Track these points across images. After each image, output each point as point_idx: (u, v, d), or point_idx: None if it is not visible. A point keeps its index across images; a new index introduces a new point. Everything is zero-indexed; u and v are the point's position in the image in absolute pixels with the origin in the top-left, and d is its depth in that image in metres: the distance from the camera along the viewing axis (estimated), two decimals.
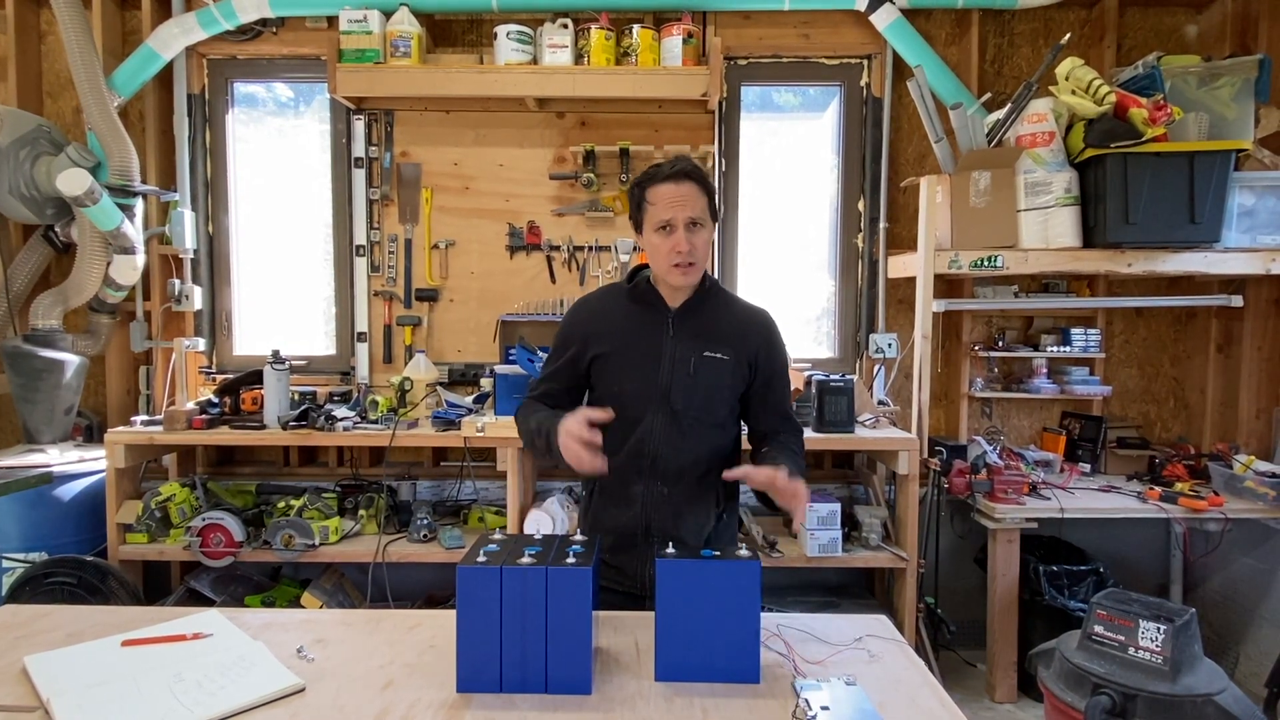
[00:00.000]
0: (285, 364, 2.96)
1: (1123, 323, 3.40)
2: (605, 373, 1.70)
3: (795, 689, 1.24)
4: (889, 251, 3.32)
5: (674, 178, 1.59)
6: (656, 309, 1.69)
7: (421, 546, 2.92)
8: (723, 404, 1.70)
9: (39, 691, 1.21)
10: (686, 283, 1.64)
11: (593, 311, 1.74)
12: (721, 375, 1.67)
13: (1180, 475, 3.04)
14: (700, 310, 1.70)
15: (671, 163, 1.62)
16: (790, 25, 3.28)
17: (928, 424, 3.04)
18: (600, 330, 1.70)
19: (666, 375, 1.65)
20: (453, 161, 3.37)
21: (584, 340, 1.70)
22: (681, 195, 1.58)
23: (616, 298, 1.74)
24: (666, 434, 1.66)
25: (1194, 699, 1.97)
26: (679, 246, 1.58)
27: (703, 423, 1.68)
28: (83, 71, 2.93)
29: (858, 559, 2.89)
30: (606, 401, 1.67)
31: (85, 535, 2.92)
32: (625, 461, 1.66)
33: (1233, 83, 2.87)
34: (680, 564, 1.29)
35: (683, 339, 1.67)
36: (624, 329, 1.69)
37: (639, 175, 1.66)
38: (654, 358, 1.66)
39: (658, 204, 1.60)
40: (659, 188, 1.60)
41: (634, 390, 1.66)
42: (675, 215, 1.58)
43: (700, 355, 1.66)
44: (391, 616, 1.55)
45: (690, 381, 1.65)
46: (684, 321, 1.68)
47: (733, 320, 1.72)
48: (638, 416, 1.66)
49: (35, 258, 3.20)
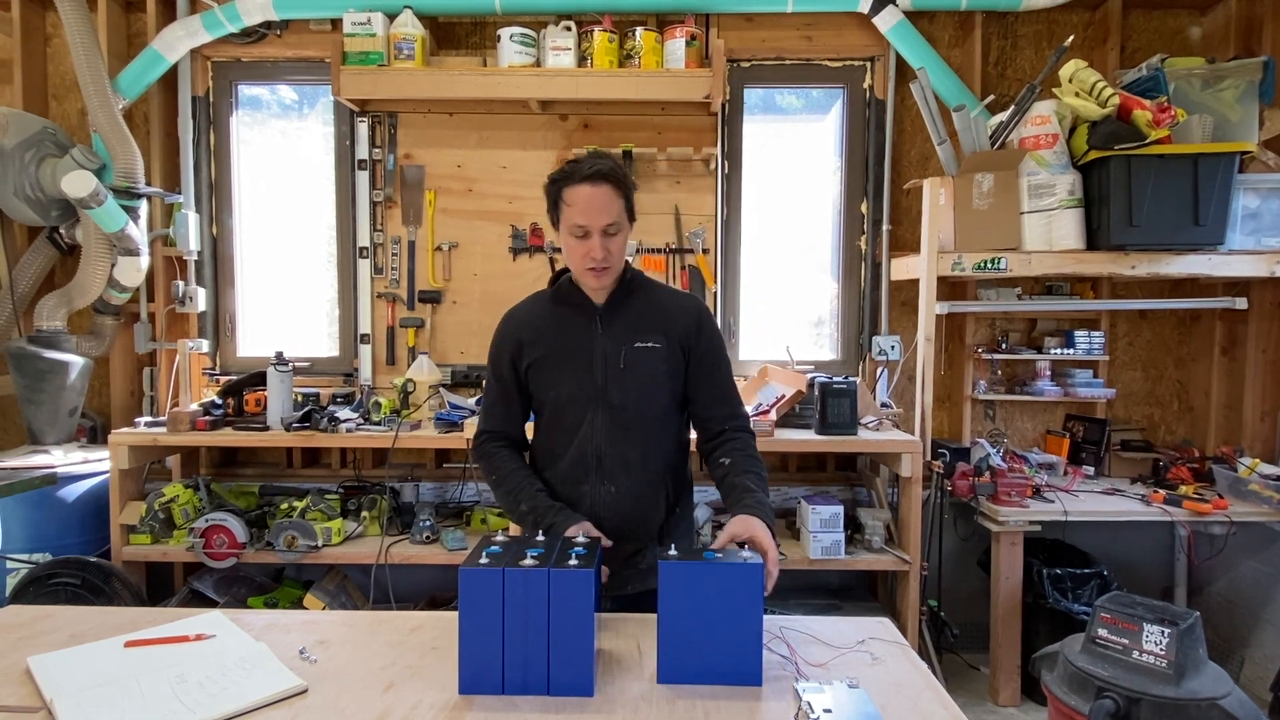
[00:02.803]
0: (288, 365, 2.97)
1: (1126, 325, 3.39)
2: (540, 378, 1.68)
3: (797, 691, 1.24)
4: (892, 254, 3.31)
5: (591, 179, 1.55)
6: (582, 308, 1.67)
7: (424, 548, 2.92)
8: (661, 393, 1.68)
9: (42, 692, 1.21)
10: (600, 285, 1.63)
11: (519, 321, 1.72)
12: (655, 364, 1.65)
13: (1184, 478, 3.03)
14: (626, 303, 1.68)
15: (589, 161, 1.58)
16: (793, 27, 3.28)
17: (931, 426, 3.04)
18: (529, 338, 1.68)
19: (600, 372, 1.64)
20: (456, 164, 3.38)
21: (516, 349, 1.69)
22: (598, 200, 1.55)
23: (541, 303, 1.74)
24: (608, 432, 1.65)
25: (1198, 703, 1.96)
26: (593, 253, 1.57)
27: (643, 416, 1.67)
28: (88, 74, 2.94)
29: (860, 561, 2.88)
30: (545, 406, 1.69)
31: (89, 536, 2.93)
32: (571, 464, 1.67)
33: (1237, 85, 2.86)
34: (682, 566, 1.29)
35: (612, 334, 1.65)
36: (552, 332, 1.67)
37: (556, 171, 1.62)
38: (586, 357, 1.65)
39: (574, 206, 1.56)
40: (575, 189, 1.56)
41: (570, 392, 1.65)
42: (591, 222, 1.55)
43: (631, 347, 1.64)
44: (394, 618, 1.55)
45: (625, 375, 1.64)
46: (611, 317, 1.67)
47: (659, 308, 1.69)
48: (578, 418, 1.65)
49: (40, 259, 3.21)
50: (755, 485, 1.59)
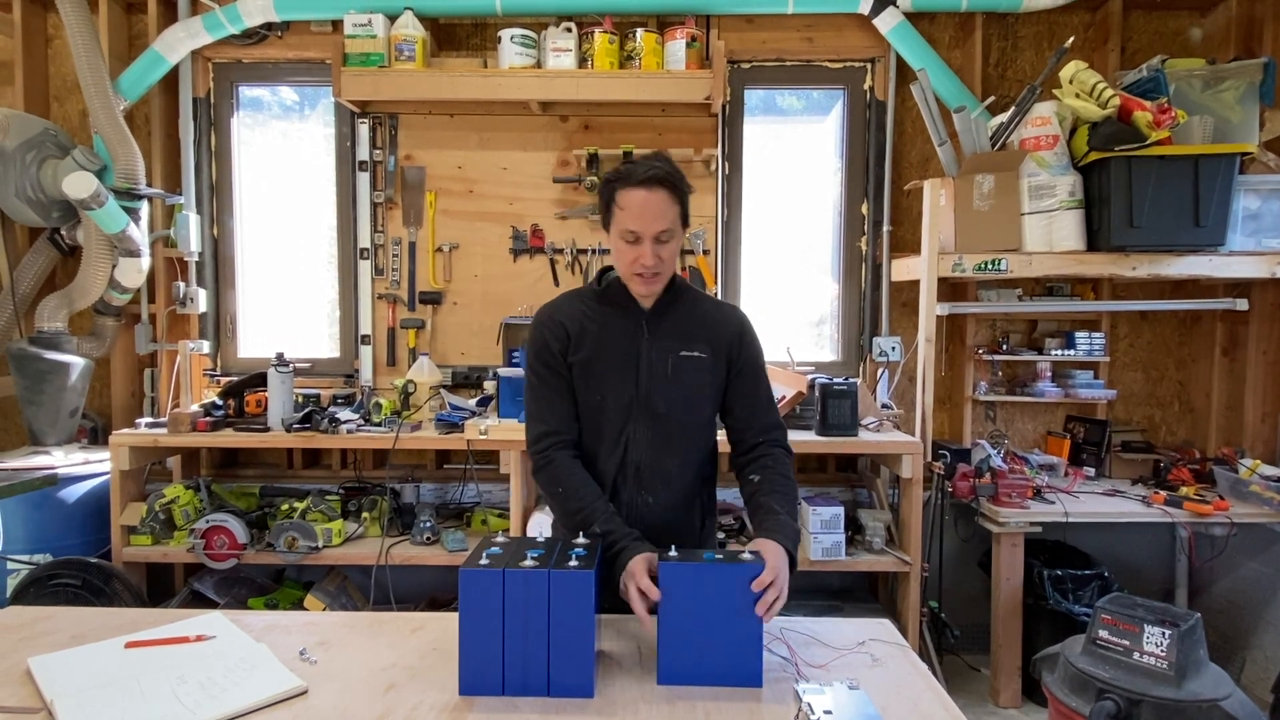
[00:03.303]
0: (289, 366, 2.97)
1: (1127, 326, 3.39)
2: (583, 380, 1.61)
3: (798, 693, 1.24)
4: (892, 255, 3.31)
5: (647, 183, 1.48)
6: (629, 312, 1.61)
7: (424, 549, 2.92)
8: (704, 404, 1.64)
9: (42, 693, 1.21)
10: (648, 291, 1.58)
11: (567, 314, 1.63)
12: (701, 374, 1.61)
13: (1185, 479, 3.03)
14: (673, 309, 1.63)
15: (646, 164, 1.51)
16: (793, 29, 3.28)
17: (931, 427, 3.04)
18: (576, 333, 1.60)
19: (645, 379, 1.59)
20: (457, 165, 3.38)
21: (564, 343, 1.61)
22: (652, 205, 1.48)
23: (585, 300, 1.66)
24: (649, 441, 1.60)
25: (1199, 704, 1.96)
26: (643, 260, 1.50)
27: (685, 426, 1.62)
28: (89, 75, 2.94)
29: (861, 563, 2.88)
30: (585, 411, 1.62)
31: (89, 537, 2.93)
32: (608, 472, 1.61)
33: (1237, 86, 2.86)
34: (683, 567, 1.29)
35: (658, 340, 1.60)
36: (597, 334, 1.60)
37: (611, 171, 1.56)
38: (631, 362, 1.59)
39: (627, 210, 1.50)
40: (630, 192, 1.50)
41: (612, 397, 1.59)
42: (643, 228, 1.49)
43: (678, 355, 1.60)
44: (394, 619, 1.55)
45: (670, 383, 1.59)
46: (658, 322, 1.61)
47: (705, 317, 1.65)
48: (619, 425, 1.60)
49: (41, 260, 3.22)
50: (780, 506, 1.53)
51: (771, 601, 1.29)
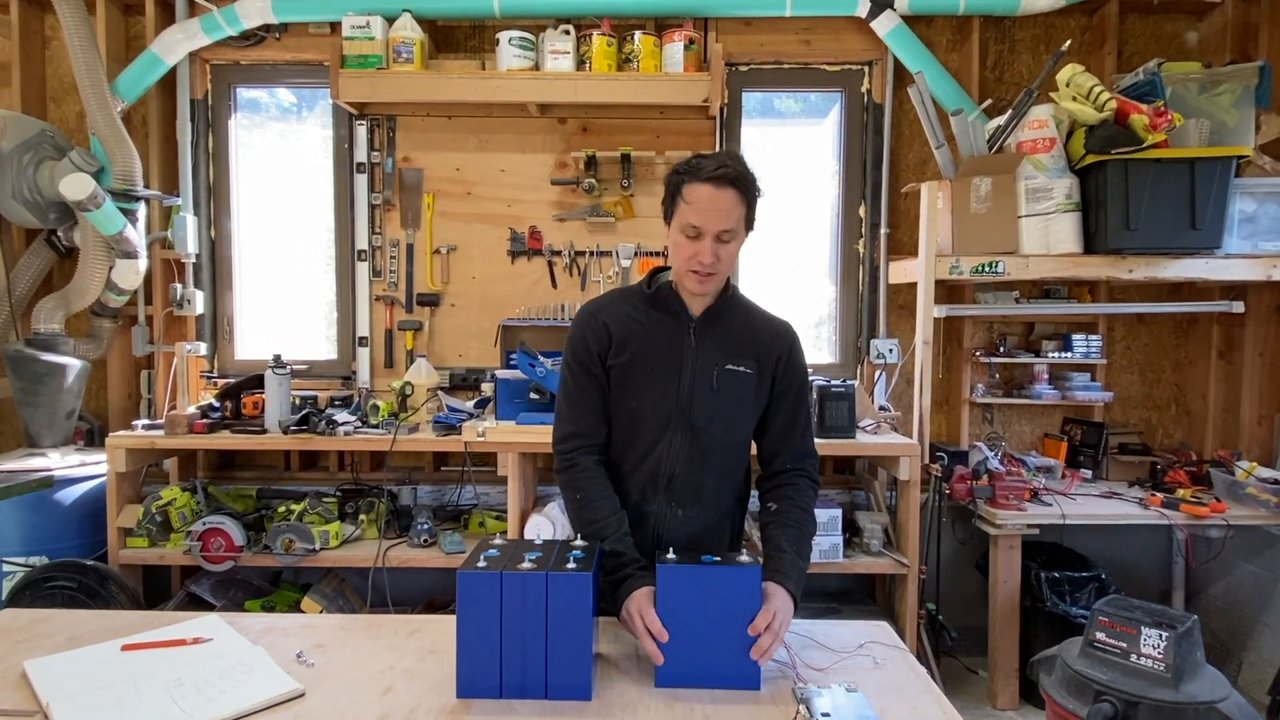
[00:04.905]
0: (286, 368, 2.96)
1: (1124, 329, 3.40)
2: (622, 384, 1.55)
3: (796, 696, 1.24)
4: (890, 257, 3.32)
5: (715, 180, 1.43)
6: (678, 317, 1.55)
7: (422, 551, 2.92)
8: (746, 421, 1.60)
9: (38, 696, 1.21)
10: (701, 290, 1.52)
11: (612, 315, 1.57)
12: (745, 390, 1.56)
13: (1182, 481, 3.03)
14: (722, 319, 1.57)
15: (717, 159, 1.45)
16: (791, 31, 3.29)
17: (929, 429, 3.04)
18: (620, 335, 1.54)
19: (688, 389, 1.53)
20: (455, 167, 3.38)
21: (605, 343, 1.55)
22: (719, 203, 1.43)
23: (632, 301, 1.60)
24: (686, 454, 1.55)
25: (1196, 706, 1.96)
26: (702, 257, 1.45)
27: (723, 442, 1.57)
28: (86, 76, 2.94)
29: (859, 565, 2.88)
30: (621, 416, 1.56)
31: (86, 539, 2.92)
32: (639, 482, 1.57)
33: (1233, 89, 2.87)
34: (681, 569, 1.29)
35: (705, 350, 1.54)
36: (642, 337, 1.54)
37: (682, 162, 1.50)
38: (675, 370, 1.53)
39: (691, 204, 1.45)
40: (697, 187, 1.44)
41: (652, 406, 1.54)
42: (706, 225, 1.44)
43: (723, 368, 1.54)
44: (391, 621, 1.55)
45: (712, 396, 1.53)
46: (706, 331, 1.55)
47: (754, 330, 1.59)
48: (655, 434, 1.54)
49: (38, 262, 3.21)
50: (789, 545, 1.49)
51: (766, 646, 1.27)
